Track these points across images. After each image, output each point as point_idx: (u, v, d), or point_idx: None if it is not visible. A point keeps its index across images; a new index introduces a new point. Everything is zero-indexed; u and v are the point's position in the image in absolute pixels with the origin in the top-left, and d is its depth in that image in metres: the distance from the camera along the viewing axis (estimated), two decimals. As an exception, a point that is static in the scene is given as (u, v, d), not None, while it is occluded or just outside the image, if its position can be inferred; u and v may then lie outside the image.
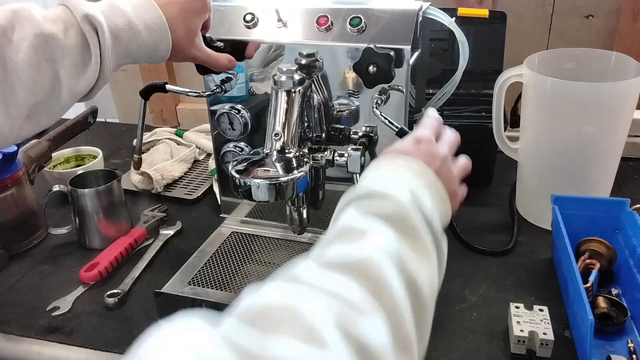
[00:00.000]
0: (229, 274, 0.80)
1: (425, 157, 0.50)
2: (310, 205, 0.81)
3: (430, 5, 0.72)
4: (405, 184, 0.46)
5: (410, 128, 0.75)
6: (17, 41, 0.54)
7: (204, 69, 0.75)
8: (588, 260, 0.76)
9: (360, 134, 0.77)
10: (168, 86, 0.80)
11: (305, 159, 0.70)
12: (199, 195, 1.05)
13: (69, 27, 0.56)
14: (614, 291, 0.75)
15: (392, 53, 0.68)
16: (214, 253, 0.85)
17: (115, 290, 0.79)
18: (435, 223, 0.46)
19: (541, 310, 0.69)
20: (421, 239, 0.43)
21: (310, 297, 0.35)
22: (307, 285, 0.36)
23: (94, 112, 1.14)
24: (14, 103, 0.54)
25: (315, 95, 0.75)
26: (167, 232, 0.94)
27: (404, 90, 0.74)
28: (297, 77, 0.70)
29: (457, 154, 0.56)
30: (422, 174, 0.48)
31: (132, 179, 1.09)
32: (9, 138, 0.56)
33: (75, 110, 1.14)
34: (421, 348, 0.40)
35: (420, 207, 0.45)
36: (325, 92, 0.78)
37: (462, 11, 0.80)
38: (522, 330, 0.66)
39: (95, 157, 1.11)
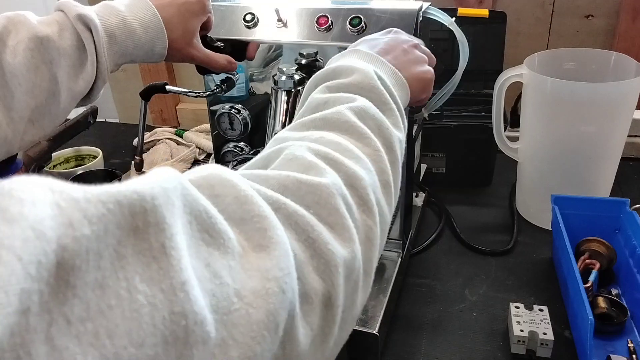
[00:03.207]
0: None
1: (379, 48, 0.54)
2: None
3: (430, 5, 0.72)
4: (365, 64, 0.49)
5: (410, 128, 0.75)
6: (14, 45, 0.54)
7: (203, 69, 0.75)
8: (588, 260, 0.76)
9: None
10: (168, 87, 0.80)
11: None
12: (199, 195, 1.05)
13: (63, 28, 0.56)
14: (614, 291, 0.75)
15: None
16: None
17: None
18: (396, 97, 0.48)
19: (541, 310, 0.69)
20: (390, 106, 0.46)
21: (298, 145, 0.38)
22: (296, 140, 0.39)
23: (94, 112, 1.14)
24: (16, 107, 0.54)
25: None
26: (167, 232, 0.94)
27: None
28: (297, 77, 0.70)
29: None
30: (378, 60, 0.51)
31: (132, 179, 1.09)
32: (14, 143, 0.56)
33: (76, 110, 1.14)
34: (394, 203, 0.44)
35: (382, 81, 0.48)
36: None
37: (462, 11, 0.80)
38: (522, 330, 0.66)
39: (95, 157, 1.11)
